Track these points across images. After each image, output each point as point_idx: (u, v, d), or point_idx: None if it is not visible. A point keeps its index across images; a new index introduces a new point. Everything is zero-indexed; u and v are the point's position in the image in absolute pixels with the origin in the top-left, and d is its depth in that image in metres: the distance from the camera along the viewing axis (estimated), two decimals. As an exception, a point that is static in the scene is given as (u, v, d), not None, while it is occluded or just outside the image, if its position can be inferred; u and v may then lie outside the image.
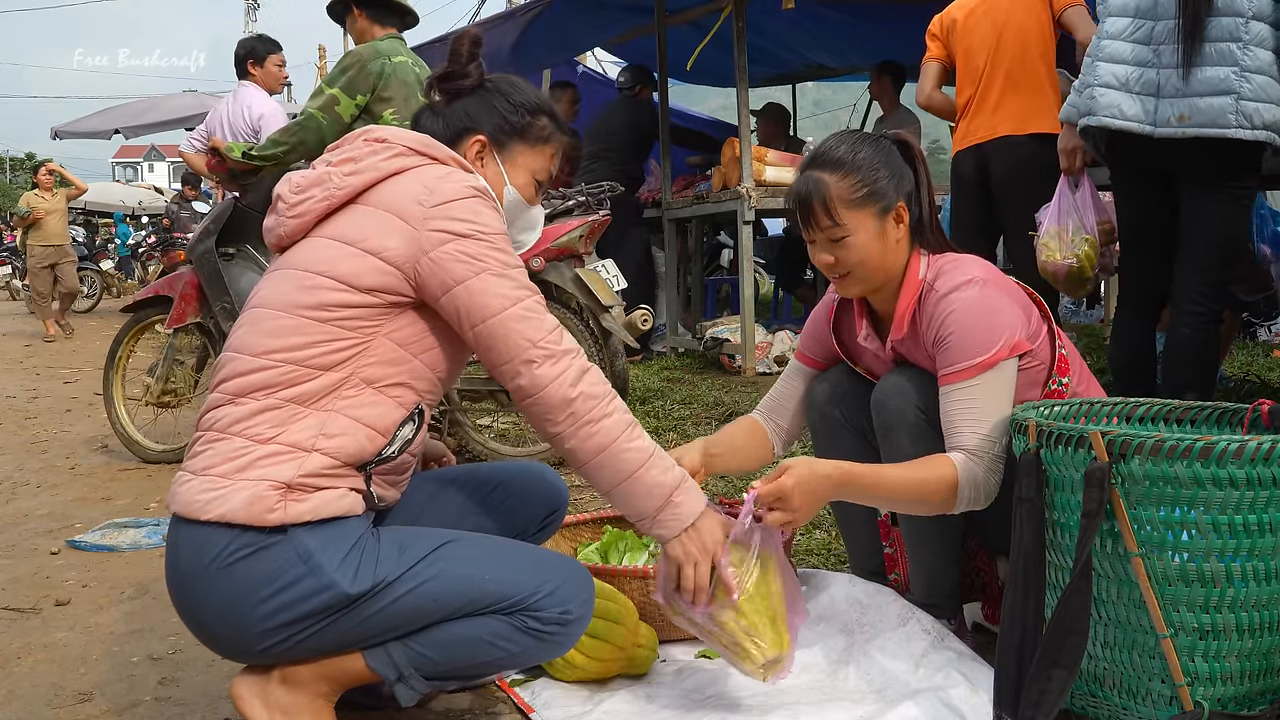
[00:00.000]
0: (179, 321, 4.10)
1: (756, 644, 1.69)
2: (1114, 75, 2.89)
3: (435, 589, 1.59)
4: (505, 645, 1.62)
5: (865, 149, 1.92)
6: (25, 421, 5.50)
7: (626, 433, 1.63)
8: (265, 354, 1.60)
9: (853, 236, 1.90)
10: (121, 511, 3.49)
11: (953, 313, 1.88)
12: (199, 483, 1.56)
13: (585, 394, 1.61)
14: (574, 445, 1.63)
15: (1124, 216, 3.15)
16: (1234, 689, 1.54)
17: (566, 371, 1.61)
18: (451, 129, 1.83)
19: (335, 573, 1.54)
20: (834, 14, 7.55)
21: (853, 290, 1.99)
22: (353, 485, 1.61)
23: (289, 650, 1.59)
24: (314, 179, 1.70)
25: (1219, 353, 3.37)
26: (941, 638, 1.94)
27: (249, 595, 1.54)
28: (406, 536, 1.65)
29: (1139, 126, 2.86)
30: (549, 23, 7.16)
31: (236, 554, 1.54)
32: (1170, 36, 2.81)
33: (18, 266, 17.50)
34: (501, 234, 1.66)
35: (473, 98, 1.85)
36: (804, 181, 1.92)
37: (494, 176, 1.84)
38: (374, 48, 3.78)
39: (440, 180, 1.66)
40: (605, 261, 4.80)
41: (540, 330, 1.62)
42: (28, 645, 2.30)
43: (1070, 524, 1.61)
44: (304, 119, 3.71)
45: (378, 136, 1.73)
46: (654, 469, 1.64)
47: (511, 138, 1.84)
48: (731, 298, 8.26)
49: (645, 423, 4.51)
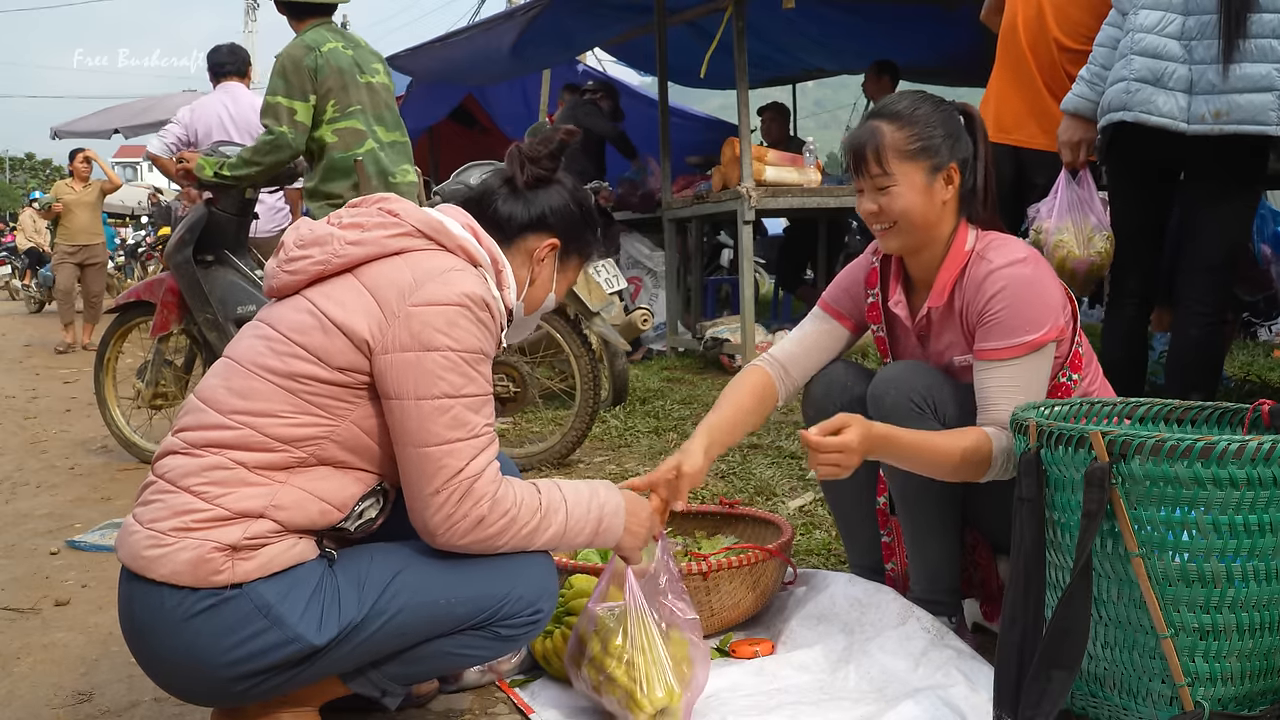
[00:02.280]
0: (162, 330, 4.09)
1: (645, 693, 1.71)
2: (1149, 70, 2.83)
3: (402, 623, 1.58)
4: (479, 651, 1.65)
5: (926, 106, 1.96)
6: (25, 421, 5.50)
7: (528, 542, 1.63)
8: (230, 413, 1.56)
9: (899, 187, 1.92)
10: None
11: (1005, 288, 1.89)
12: (144, 536, 1.53)
13: (477, 540, 1.58)
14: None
15: (1122, 214, 3.12)
16: (1234, 689, 1.54)
17: (458, 525, 1.56)
18: (531, 217, 1.76)
19: (299, 625, 1.52)
20: (834, 14, 7.55)
21: (893, 244, 1.99)
22: (303, 538, 1.59)
23: (263, 694, 1.57)
24: (317, 238, 1.64)
25: (1224, 353, 3.36)
26: (941, 635, 1.94)
27: (211, 647, 1.51)
28: (361, 568, 1.60)
29: (1172, 123, 2.81)
30: (549, 23, 7.15)
31: (192, 609, 1.50)
32: (1204, 32, 2.77)
33: (17, 266, 17.47)
34: (475, 352, 1.57)
35: (554, 193, 1.78)
36: (862, 129, 1.97)
37: (545, 280, 1.80)
38: (300, 43, 3.76)
39: (430, 277, 1.57)
40: (604, 261, 4.81)
41: (452, 478, 1.55)
42: (28, 645, 2.30)
43: (1070, 524, 1.60)
44: (274, 139, 3.70)
45: (391, 209, 1.66)
46: (564, 544, 1.68)
47: (574, 251, 1.82)
48: (731, 298, 8.25)
49: (645, 423, 4.51)
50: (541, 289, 1.81)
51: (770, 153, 6.07)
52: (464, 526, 1.56)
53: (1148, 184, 3.04)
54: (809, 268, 8.44)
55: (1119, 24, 2.97)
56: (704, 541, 2.44)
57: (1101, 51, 3.00)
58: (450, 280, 1.57)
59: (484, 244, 1.69)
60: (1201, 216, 2.91)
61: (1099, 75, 3.00)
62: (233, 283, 3.95)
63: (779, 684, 1.92)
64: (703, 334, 6.32)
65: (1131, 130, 2.89)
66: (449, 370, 1.55)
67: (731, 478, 3.52)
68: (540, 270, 1.79)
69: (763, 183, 5.85)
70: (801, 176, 6.00)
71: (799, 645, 2.05)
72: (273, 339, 1.59)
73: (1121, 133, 2.92)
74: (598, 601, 1.79)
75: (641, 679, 1.70)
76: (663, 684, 1.71)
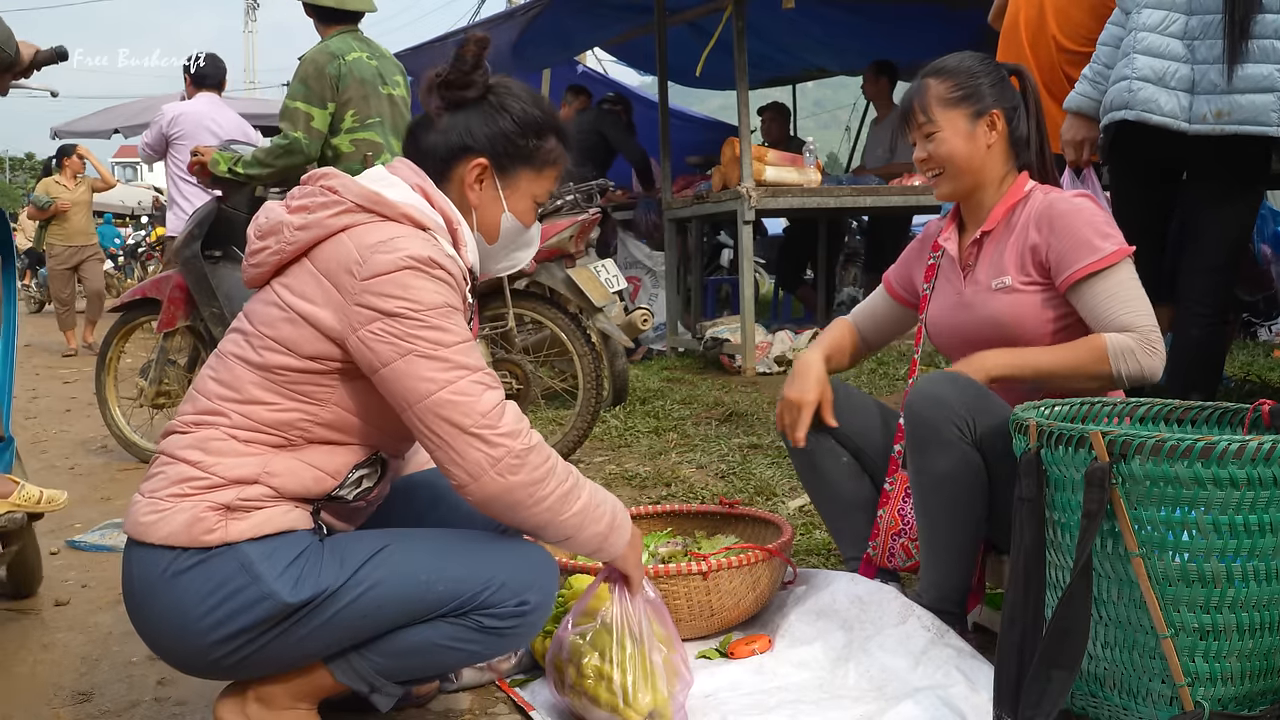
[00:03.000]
0: (169, 325, 4.09)
1: (629, 704, 1.70)
2: (1152, 69, 2.83)
3: (379, 595, 1.56)
4: (466, 646, 1.61)
5: (971, 60, 2.10)
6: (25, 421, 5.50)
7: (562, 507, 1.57)
8: (220, 399, 1.60)
9: (943, 132, 2.06)
10: (121, 512, 3.47)
11: (1077, 210, 1.99)
12: (145, 504, 1.58)
13: (521, 483, 1.53)
14: (512, 522, 1.60)
15: (1125, 213, 3.11)
16: (1234, 689, 1.54)
17: (501, 461, 1.51)
18: (450, 146, 1.68)
19: (275, 583, 1.52)
20: (835, 14, 7.55)
21: (944, 189, 2.11)
22: (298, 507, 1.60)
23: (241, 663, 1.57)
24: (271, 227, 1.63)
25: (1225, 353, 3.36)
26: (941, 634, 1.93)
27: (194, 607, 1.53)
28: (347, 542, 1.61)
29: (1174, 122, 2.81)
30: (549, 23, 7.16)
31: (182, 567, 1.53)
32: (1206, 31, 2.77)
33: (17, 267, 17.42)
34: (438, 307, 1.54)
35: (475, 111, 1.69)
36: (913, 86, 2.12)
37: (491, 202, 1.71)
38: (325, 49, 3.76)
39: (374, 250, 1.55)
40: (605, 261, 4.81)
41: (471, 414, 1.51)
42: (28, 645, 2.30)
43: (1071, 524, 1.60)
44: (289, 144, 3.70)
45: (331, 185, 1.63)
46: (585, 530, 1.62)
47: (516, 162, 1.70)
48: (731, 298, 8.26)
49: (645, 423, 4.51)
50: (489, 213, 1.71)
51: (770, 153, 6.08)
52: (509, 463, 1.51)
53: (1150, 183, 3.04)
54: (809, 268, 8.43)
55: (1122, 23, 2.97)
56: (704, 541, 2.43)
57: (1105, 50, 3.01)
58: (394, 247, 1.55)
59: (437, 204, 1.65)
60: (1203, 216, 2.91)
61: (1102, 74, 3.00)
62: (240, 279, 3.95)
63: (779, 682, 1.92)
64: (703, 334, 6.32)
65: (1133, 129, 2.88)
66: (420, 328, 1.52)
67: (731, 478, 3.52)
68: (480, 195, 1.70)
69: (763, 183, 5.85)
70: (801, 176, 6.00)
71: (798, 642, 2.05)
72: (249, 333, 1.62)
73: (1123, 132, 2.92)
74: (567, 629, 1.78)
75: (623, 691, 1.70)
76: (647, 689, 1.71)
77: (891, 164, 6.90)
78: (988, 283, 2.07)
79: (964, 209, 2.16)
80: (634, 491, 3.43)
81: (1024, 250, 2.02)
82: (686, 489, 3.42)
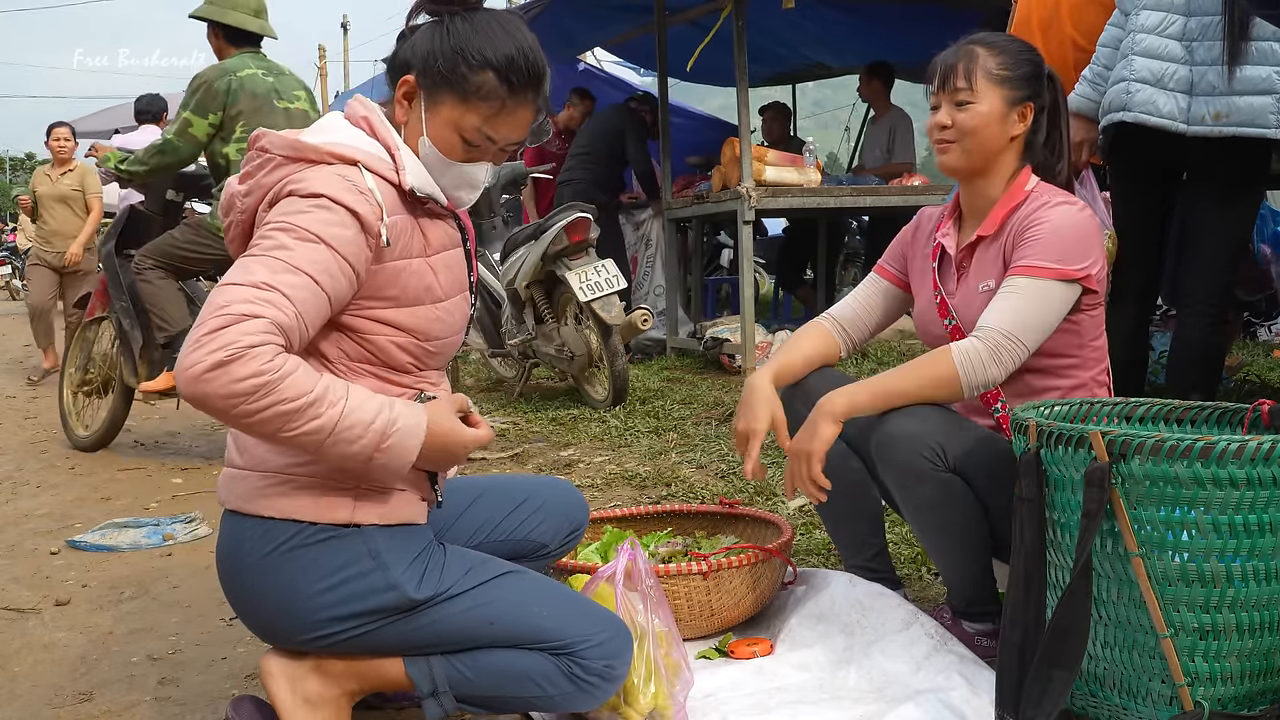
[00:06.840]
0: (88, 315, 4.61)
1: (629, 704, 1.71)
2: (1150, 71, 2.83)
3: (493, 612, 1.61)
4: (545, 685, 1.61)
5: (1022, 44, 2.06)
6: (25, 421, 5.50)
7: (282, 425, 1.41)
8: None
9: (979, 105, 1.99)
10: (121, 511, 3.49)
11: (1051, 220, 1.94)
12: (256, 478, 1.59)
13: (216, 393, 1.37)
14: (238, 430, 1.52)
15: (1125, 214, 3.12)
16: (1234, 689, 1.54)
17: (195, 365, 1.36)
18: (397, 59, 1.66)
19: (402, 575, 1.57)
20: (835, 14, 7.55)
21: (951, 158, 2.04)
22: (417, 480, 1.65)
23: (340, 644, 1.60)
24: (227, 202, 1.66)
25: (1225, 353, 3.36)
26: (944, 641, 1.93)
27: (313, 583, 1.56)
28: (472, 559, 1.67)
29: (1172, 124, 2.81)
30: (549, 22, 7.15)
31: (306, 540, 1.56)
32: (1205, 33, 2.78)
33: (18, 266, 17.41)
34: (308, 231, 1.47)
35: (431, 28, 1.63)
36: (956, 48, 2.05)
37: (414, 123, 1.65)
38: (219, 67, 4.07)
39: (298, 185, 1.54)
40: (605, 261, 4.81)
41: (208, 309, 1.39)
42: (28, 645, 2.30)
43: (1070, 524, 1.60)
44: (162, 144, 4.02)
45: (261, 146, 1.61)
46: (333, 450, 1.46)
47: (440, 86, 1.61)
48: (731, 298, 8.26)
49: (645, 423, 4.50)
50: (411, 135, 1.65)
51: (770, 153, 6.07)
52: (205, 366, 1.35)
53: (1150, 184, 3.04)
54: (809, 268, 8.43)
55: (1121, 24, 2.97)
56: (704, 541, 2.44)
57: (1104, 51, 3.01)
58: (301, 189, 1.52)
59: (378, 133, 1.62)
60: (1203, 217, 2.91)
61: (1101, 75, 3.01)
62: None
63: (779, 682, 1.91)
64: (703, 334, 6.32)
65: (1132, 130, 2.89)
66: (267, 238, 1.49)
67: (731, 478, 3.52)
68: (406, 113, 1.65)
69: (763, 183, 5.85)
70: (801, 177, 6.00)
71: (799, 645, 2.05)
72: None
73: (1122, 133, 2.92)
74: None
75: (624, 690, 1.70)
76: (648, 688, 1.71)
77: (891, 164, 6.90)
78: (975, 285, 2.05)
79: (965, 198, 2.11)
80: (634, 491, 3.43)
81: (1008, 253, 1.99)
82: (686, 489, 3.41)
